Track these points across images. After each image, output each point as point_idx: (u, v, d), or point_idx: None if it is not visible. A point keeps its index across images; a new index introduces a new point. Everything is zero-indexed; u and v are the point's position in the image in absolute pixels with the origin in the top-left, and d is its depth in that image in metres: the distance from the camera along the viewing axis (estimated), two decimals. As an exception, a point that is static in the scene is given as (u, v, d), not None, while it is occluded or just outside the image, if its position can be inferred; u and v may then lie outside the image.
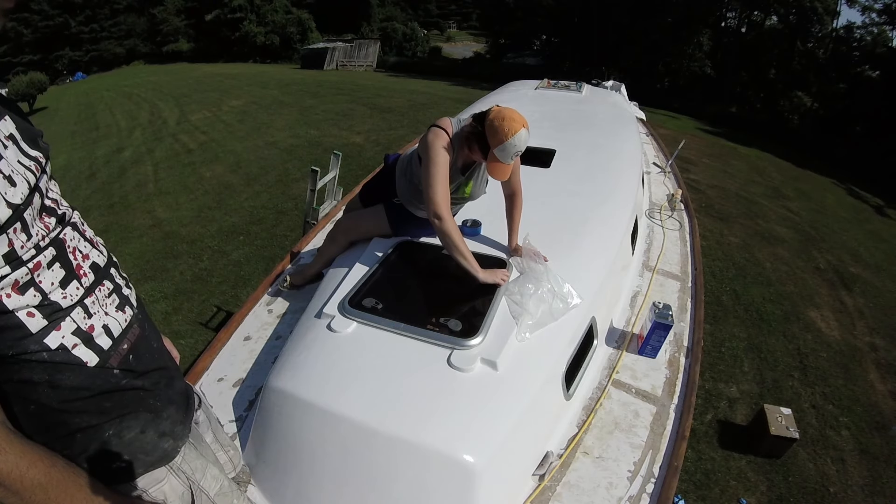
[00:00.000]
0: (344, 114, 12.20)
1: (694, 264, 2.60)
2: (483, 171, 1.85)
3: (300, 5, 34.05)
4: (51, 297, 0.66)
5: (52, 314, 0.66)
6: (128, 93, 19.06)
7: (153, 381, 0.82)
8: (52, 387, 0.68)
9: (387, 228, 2.00)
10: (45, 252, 0.65)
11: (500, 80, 6.36)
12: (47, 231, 0.67)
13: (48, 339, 0.66)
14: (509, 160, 1.59)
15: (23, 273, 0.62)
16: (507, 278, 1.70)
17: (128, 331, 0.78)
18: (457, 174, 1.77)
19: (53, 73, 29.32)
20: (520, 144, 1.56)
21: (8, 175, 0.60)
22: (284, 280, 2.28)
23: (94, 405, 0.73)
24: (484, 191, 1.89)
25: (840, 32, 20.08)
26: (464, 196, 1.89)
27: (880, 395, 3.91)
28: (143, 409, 0.80)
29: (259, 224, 6.25)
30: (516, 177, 1.80)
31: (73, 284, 0.69)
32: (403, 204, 1.98)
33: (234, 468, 1.28)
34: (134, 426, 0.78)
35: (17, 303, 0.61)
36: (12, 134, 0.65)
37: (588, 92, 4.36)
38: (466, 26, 52.01)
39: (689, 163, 9.50)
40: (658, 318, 1.81)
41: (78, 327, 0.69)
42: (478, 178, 1.86)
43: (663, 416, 1.67)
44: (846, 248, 6.93)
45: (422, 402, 1.33)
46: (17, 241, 0.60)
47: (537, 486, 1.41)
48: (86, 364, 0.70)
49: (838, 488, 3.05)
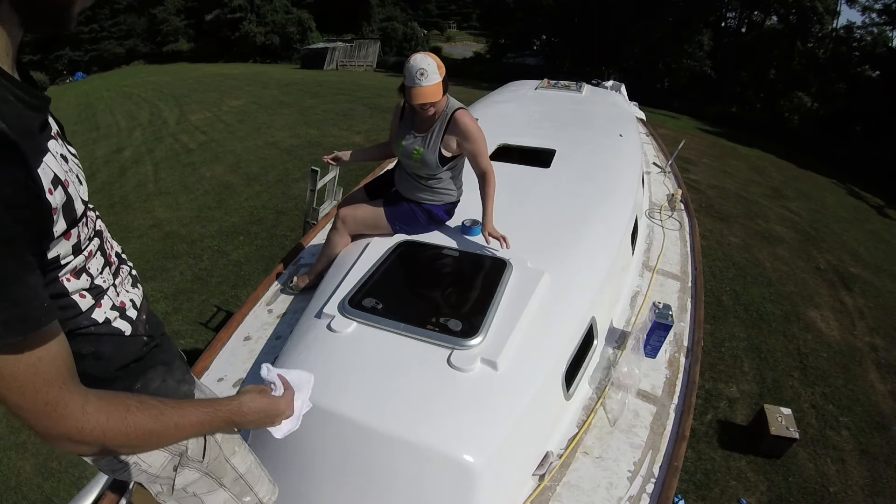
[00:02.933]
0: (344, 114, 12.20)
1: (694, 264, 2.60)
2: (433, 139, 1.90)
3: (300, 5, 34.03)
4: (96, 280, 0.75)
5: (96, 295, 0.75)
6: (128, 93, 19.05)
7: (162, 341, 0.94)
8: (96, 358, 0.77)
9: (383, 218, 2.03)
10: (93, 241, 0.74)
11: (500, 80, 6.35)
12: (93, 223, 0.76)
13: (94, 314, 0.75)
14: (414, 82, 1.73)
15: (80, 261, 0.70)
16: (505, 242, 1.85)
17: (143, 303, 0.90)
18: (404, 128, 1.98)
19: (53, 73, 29.31)
20: (416, 64, 1.73)
21: (76, 174, 0.68)
22: (290, 281, 2.28)
23: (128, 370, 0.84)
24: (436, 160, 1.92)
25: (840, 32, 20.06)
26: (414, 159, 1.95)
27: (880, 395, 3.91)
28: (158, 363, 0.91)
29: (259, 224, 6.25)
30: (482, 157, 1.89)
31: (107, 269, 0.79)
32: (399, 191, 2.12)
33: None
34: (155, 378, 0.90)
35: (75, 286, 0.70)
36: (59, 132, 0.68)
37: (588, 92, 4.36)
38: (466, 26, 52.00)
39: (689, 163, 9.49)
40: (658, 318, 1.81)
41: (113, 304, 0.80)
42: (427, 146, 1.92)
43: (663, 416, 1.67)
44: (846, 248, 6.93)
45: (422, 402, 1.33)
46: (82, 234, 0.69)
47: (537, 486, 1.41)
48: (123, 333, 0.81)
49: (838, 488, 3.05)
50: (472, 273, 1.83)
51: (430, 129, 1.89)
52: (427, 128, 1.90)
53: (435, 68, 1.72)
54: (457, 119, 1.84)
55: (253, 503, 1.10)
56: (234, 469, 1.04)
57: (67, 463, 3.20)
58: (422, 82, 1.72)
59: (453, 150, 1.89)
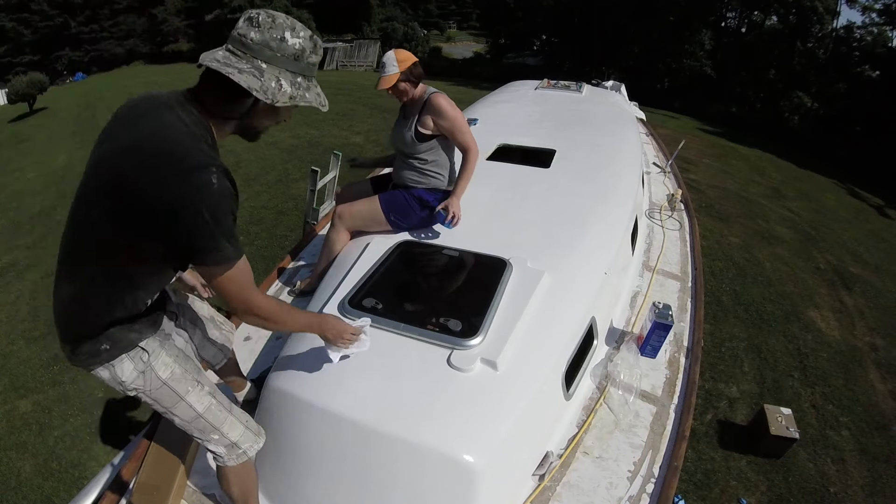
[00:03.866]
0: (344, 114, 12.19)
1: (694, 264, 2.60)
2: (412, 120, 2.08)
3: (300, 5, 33.98)
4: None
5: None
6: (128, 93, 18.94)
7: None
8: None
9: (378, 211, 2.09)
10: None
11: (500, 80, 6.36)
12: None
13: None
14: (383, 71, 1.97)
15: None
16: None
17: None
18: (398, 119, 2.21)
19: (53, 74, 29.27)
20: (383, 58, 2.00)
21: None
22: (294, 286, 2.31)
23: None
24: (412, 136, 2.08)
25: (840, 32, 20.06)
26: (398, 138, 2.14)
27: (880, 395, 3.91)
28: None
29: (259, 224, 6.25)
30: (459, 133, 2.03)
31: None
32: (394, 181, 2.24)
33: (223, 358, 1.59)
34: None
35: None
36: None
37: (588, 92, 4.36)
38: (466, 26, 51.97)
39: (689, 163, 9.49)
40: (658, 318, 1.81)
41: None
42: (398, 129, 2.14)
43: (663, 416, 1.67)
44: (846, 248, 6.93)
45: (422, 402, 1.33)
46: None
47: (537, 486, 1.41)
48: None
49: (838, 488, 3.05)
50: (472, 273, 1.83)
51: (412, 113, 2.10)
52: (411, 113, 2.11)
53: (394, 61, 1.95)
54: (431, 100, 2.04)
55: (223, 442, 1.22)
56: (192, 407, 1.17)
57: (67, 463, 3.21)
58: (382, 73, 1.98)
59: (430, 129, 2.05)
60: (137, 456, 1.53)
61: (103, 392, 3.75)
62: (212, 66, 0.93)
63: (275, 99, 0.97)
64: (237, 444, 1.24)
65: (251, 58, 0.95)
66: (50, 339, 4.50)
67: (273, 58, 0.96)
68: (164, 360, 1.13)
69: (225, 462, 1.25)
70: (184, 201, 0.90)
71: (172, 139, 0.92)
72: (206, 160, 0.92)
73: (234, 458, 1.25)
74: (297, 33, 0.99)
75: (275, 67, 0.97)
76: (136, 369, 1.10)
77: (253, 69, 0.95)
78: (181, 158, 0.91)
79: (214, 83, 0.96)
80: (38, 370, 4.08)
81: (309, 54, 1.03)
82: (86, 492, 1.72)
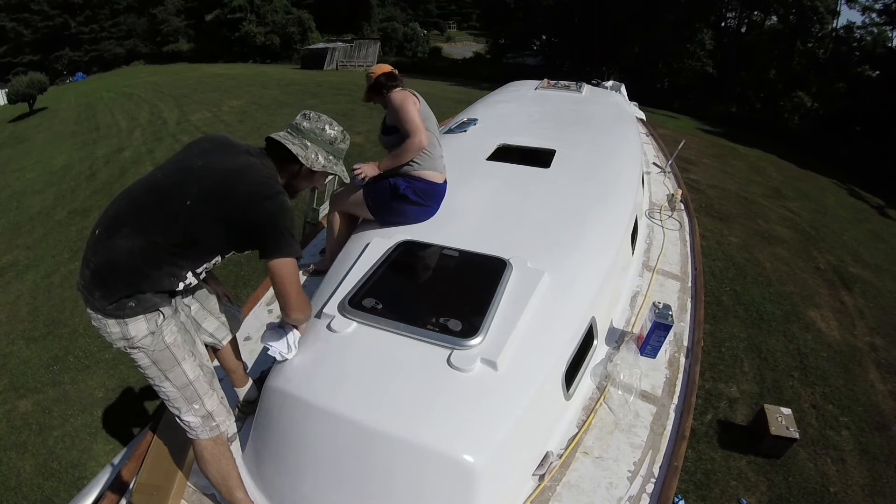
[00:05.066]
0: (344, 114, 12.19)
1: (694, 264, 2.60)
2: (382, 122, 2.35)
3: (300, 5, 34.03)
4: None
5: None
6: (128, 93, 19.07)
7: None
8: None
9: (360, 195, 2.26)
10: None
11: (500, 80, 6.35)
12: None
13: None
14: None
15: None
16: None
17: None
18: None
19: (53, 74, 29.31)
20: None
21: None
22: (308, 265, 2.49)
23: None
24: (380, 138, 2.40)
25: (840, 32, 20.05)
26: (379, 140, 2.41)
27: (880, 395, 3.91)
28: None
29: (259, 224, 6.25)
30: (403, 124, 2.17)
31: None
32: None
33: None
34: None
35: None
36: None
37: (588, 92, 4.36)
38: (466, 26, 52.01)
39: (689, 163, 9.49)
40: (658, 318, 1.81)
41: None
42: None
43: (663, 416, 1.67)
44: (846, 248, 6.92)
45: (422, 402, 1.33)
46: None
47: (537, 486, 1.41)
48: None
49: (838, 488, 3.05)
50: (472, 273, 1.82)
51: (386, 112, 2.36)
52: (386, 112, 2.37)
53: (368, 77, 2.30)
54: (388, 97, 2.24)
55: (200, 413, 1.34)
56: (185, 374, 1.31)
57: (67, 463, 3.21)
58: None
59: (394, 122, 2.25)
60: (137, 456, 1.53)
61: (103, 392, 3.75)
62: (276, 138, 1.36)
63: (312, 165, 1.38)
64: (212, 414, 1.36)
65: (301, 138, 1.39)
66: (50, 339, 4.50)
67: (315, 140, 1.39)
68: (172, 326, 1.29)
69: (198, 434, 1.35)
70: (271, 212, 1.26)
71: (264, 174, 1.30)
72: (281, 190, 1.32)
73: (206, 431, 1.36)
74: (333, 127, 1.43)
75: (316, 146, 1.39)
76: (148, 329, 1.24)
77: (301, 145, 1.38)
78: (271, 187, 1.29)
79: (277, 150, 1.37)
80: (38, 370, 4.08)
81: (339, 142, 1.44)
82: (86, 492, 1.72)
